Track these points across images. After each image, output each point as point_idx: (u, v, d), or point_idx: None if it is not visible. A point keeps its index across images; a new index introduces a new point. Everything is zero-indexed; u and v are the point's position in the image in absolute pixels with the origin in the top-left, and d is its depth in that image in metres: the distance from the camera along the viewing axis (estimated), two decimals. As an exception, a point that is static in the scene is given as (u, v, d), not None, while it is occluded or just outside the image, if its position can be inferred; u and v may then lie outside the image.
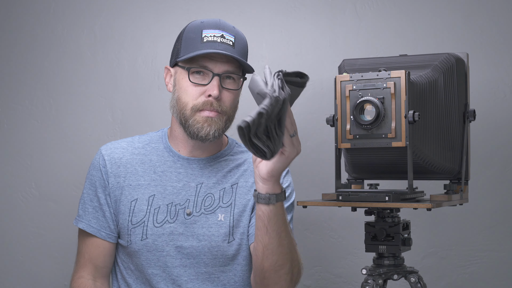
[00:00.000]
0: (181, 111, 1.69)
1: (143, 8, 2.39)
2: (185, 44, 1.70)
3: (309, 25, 2.28)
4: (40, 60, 2.45)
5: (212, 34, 1.68)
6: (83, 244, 1.78)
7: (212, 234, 1.71)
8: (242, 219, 1.74)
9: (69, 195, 2.39)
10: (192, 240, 1.71)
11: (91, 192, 1.78)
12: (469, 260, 2.15)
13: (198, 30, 1.69)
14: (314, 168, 2.24)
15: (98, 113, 2.40)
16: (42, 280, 2.41)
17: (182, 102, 1.68)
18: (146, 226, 1.70)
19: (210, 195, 1.74)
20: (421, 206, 1.48)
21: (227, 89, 1.68)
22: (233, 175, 1.77)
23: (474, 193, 2.02)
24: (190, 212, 1.72)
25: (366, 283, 1.60)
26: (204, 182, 1.75)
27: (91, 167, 1.80)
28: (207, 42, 1.67)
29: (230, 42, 1.68)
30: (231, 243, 1.72)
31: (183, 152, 1.76)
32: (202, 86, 1.67)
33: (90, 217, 1.76)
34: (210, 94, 1.65)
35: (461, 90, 1.67)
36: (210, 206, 1.73)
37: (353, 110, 1.52)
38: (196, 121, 1.67)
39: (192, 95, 1.67)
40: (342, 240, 2.24)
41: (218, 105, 1.66)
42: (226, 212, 1.73)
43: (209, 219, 1.72)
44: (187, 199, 1.73)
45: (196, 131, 1.67)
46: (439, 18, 2.18)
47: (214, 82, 1.66)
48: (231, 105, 1.70)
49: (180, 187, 1.73)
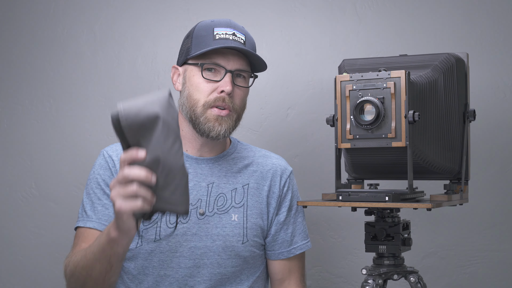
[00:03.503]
0: (191, 108, 1.68)
1: (143, 8, 2.39)
2: (196, 41, 1.70)
3: (309, 25, 2.28)
4: (40, 60, 2.45)
5: (224, 32, 1.68)
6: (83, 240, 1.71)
7: (227, 234, 1.71)
8: (256, 222, 1.75)
9: (69, 195, 2.39)
10: (206, 240, 1.70)
11: (98, 191, 1.73)
12: (469, 260, 2.15)
13: (209, 28, 1.70)
14: (314, 168, 2.24)
15: (98, 113, 2.40)
16: (42, 280, 2.41)
17: (193, 99, 1.68)
18: (160, 227, 1.68)
19: (222, 195, 1.74)
20: (421, 206, 1.48)
21: (238, 87, 1.69)
22: (243, 175, 1.78)
23: (474, 193, 2.02)
24: (203, 212, 1.71)
25: (366, 283, 1.60)
26: (215, 181, 1.74)
27: (97, 167, 1.76)
28: (220, 39, 1.67)
29: (241, 41, 1.69)
30: (245, 244, 1.72)
31: (191, 152, 1.76)
32: (214, 82, 1.67)
33: (101, 215, 1.70)
34: (223, 90, 1.65)
35: (461, 90, 1.67)
36: (223, 206, 1.73)
37: (353, 110, 1.52)
38: (207, 119, 1.66)
39: (204, 92, 1.67)
40: (342, 240, 2.24)
41: (230, 101, 1.67)
42: (239, 213, 1.73)
43: (223, 219, 1.72)
44: (198, 198, 1.72)
45: (207, 130, 1.67)
46: (439, 18, 2.18)
47: (227, 78, 1.66)
48: (241, 103, 1.71)
49: (191, 187, 1.72)
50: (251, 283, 1.76)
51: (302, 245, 1.83)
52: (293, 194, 1.83)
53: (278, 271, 1.81)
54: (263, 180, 1.79)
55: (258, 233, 1.76)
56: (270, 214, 1.78)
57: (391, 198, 1.50)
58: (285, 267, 1.81)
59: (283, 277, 1.82)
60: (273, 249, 1.80)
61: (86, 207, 1.73)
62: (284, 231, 1.80)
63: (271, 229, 1.79)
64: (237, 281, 1.73)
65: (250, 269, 1.76)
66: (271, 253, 1.80)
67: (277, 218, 1.79)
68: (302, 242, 1.83)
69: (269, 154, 1.86)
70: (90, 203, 1.73)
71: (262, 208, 1.77)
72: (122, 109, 1.28)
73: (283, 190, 1.81)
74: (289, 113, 2.27)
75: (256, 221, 1.75)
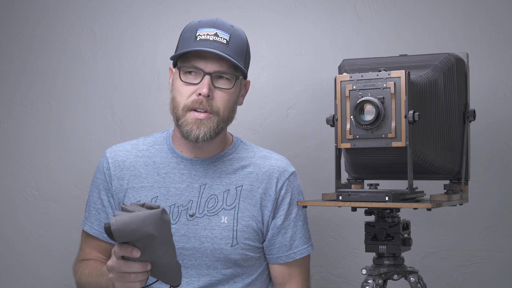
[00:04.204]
0: (174, 110, 1.70)
1: (143, 8, 2.39)
2: (181, 43, 1.70)
3: (309, 25, 2.28)
4: (40, 60, 2.45)
5: (205, 32, 1.67)
6: (86, 244, 1.81)
7: (215, 236, 1.70)
8: (248, 224, 1.73)
9: (69, 195, 2.39)
10: (194, 241, 1.70)
11: (94, 194, 1.79)
12: (469, 260, 2.15)
13: (193, 29, 1.69)
14: (314, 168, 2.24)
15: (98, 113, 2.40)
16: (42, 280, 2.41)
17: (176, 101, 1.69)
18: None
19: (214, 196, 1.73)
20: (421, 206, 1.48)
21: (220, 89, 1.67)
22: (237, 177, 1.76)
23: (474, 193, 2.02)
24: (193, 213, 1.71)
25: (366, 283, 1.60)
26: (208, 183, 1.74)
27: (96, 170, 1.82)
28: (200, 40, 1.66)
29: (223, 41, 1.66)
30: (234, 246, 1.71)
31: (186, 153, 1.76)
32: (193, 85, 1.67)
33: (93, 219, 1.78)
34: (200, 92, 1.64)
35: (461, 90, 1.67)
36: (213, 208, 1.72)
37: (353, 110, 1.52)
38: (186, 122, 1.66)
39: (184, 95, 1.67)
40: (342, 240, 2.24)
41: (208, 104, 1.65)
42: (230, 215, 1.72)
43: (212, 221, 1.71)
44: (190, 200, 1.72)
45: (185, 133, 1.67)
46: (439, 18, 2.18)
47: (205, 81, 1.65)
48: (225, 104, 1.68)
49: (183, 188, 1.72)
50: (245, 286, 1.75)
51: (303, 250, 1.80)
52: (293, 197, 1.79)
53: (278, 275, 1.80)
54: (257, 182, 1.76)
55: (251, 236, 1.73)
56: (266, 217, 1.76)
57: (391, 198, 1.50)
58: (285, 271, 1.79)
59: (283, 281, 1.80)
60: (271, 253, 1.78)
61: (86, 207, 1.82)
62: (282, 236, 1.77)
63: (268, 233, 1.76)
64: (230, 283, 1.73)
65: (244, 271, 1.75)
66: (269, 257, 1.79)
67: (274, 222, 1.76)
68: (303, 247, 1.80)
69: (269, 155, 1.82)
70: (88, 205, 1.81)
71: (255, 210, 1.74)
72: (115, 227, 1.30)
73: (280, 193, 1.77)
74: (289, 113, 2.27)
75: (248, 223, 1.73)
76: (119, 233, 1.30)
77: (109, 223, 1.29)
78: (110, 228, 1.29)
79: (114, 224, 1.29)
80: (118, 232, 1.30)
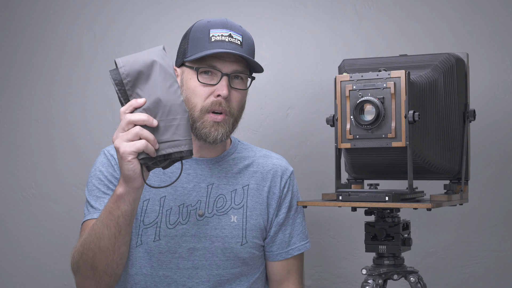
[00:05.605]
0: (189, 111, 1.66)
1: (143, 8, 2.39)
2: (192, 43, 1.67)
3: (309, 25, 2.28)
4: (40, 60, 2.45)
5: (219, 33, 1.66)
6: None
7: (225, 235, 1.71)
8: (256, 223, 1.74)
9: (69, 195, 2.39)
10: (205, 241, 1.70)
11: (102, 187, 1.71)
12: (469, 260, 2.15)
13: (205, 29, 1.67)
14: (314, 168, 2.24)
15: (98, 113, 2.40)
16: (42, 280, 2.41)
17: (191, 102, 1.66)
18: (159, 227, 1.68)
19: (222, 196, 1.73)
20: (421, 206, 1.48)
21: (236, 89, 1.67)
22: (243, 176, 1.77)
23: (474, 193, 2.02)
24: (202, 213, 1.71)
25: (366, 283, 1.60)
26: (215, 182, 1.74)
27: (98, 165, 1.74)
28: (215, 41, 1.65)
29: (238, 42, 1.67)
30: (244, 245, 1.72)
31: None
32: (211, 86, 1.65)
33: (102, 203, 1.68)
34: (220, 94, 1.63)
35: (461, 90, 1.67)
36: (222, 207, 1.72)
37: (353, 110, 1.52)
38: (204, 125, 1.65)
39: (201, 96, 1.65)
40: (342, 240, 2.24)
41: (226, 105, 1.65)
42: (239, 214, 1.73)
43: (222, 220, 1.71)
44: (198, 200, 1.72)
45: (203, 135, 1.66)
46: (439, 18, 2.18)
47: (223, 82, 1.64)
48: (239, 105, 1.69)
49: (191, 188, 1.72)
50: (250, 284, 1.75)
51: (301, 246, 1.82)
52: (293, 195, 1.82)
53: (277, 272, 1.81)
54: (263, 181, 1.78)
55: (258, 234, 1.75)
56: (270, 215, 1.78)
57: (391, 198, 1.50)
58: (283, 268, 1.81)
59: (281, 278, 1.81)
60: (271, 250, 1.79)
61: (91, 202, 1.71)
62: (282, 232, 1.79)
63: (271, 231, 1.78)
64: (237, 282, 1.73)
65: (250, 270, 1.76)
66: (269, 254, 1.80)
67: (277, 220, 1.79)
68: (301, 243, 1.82)
69: (269, 154, 1.84)
70: (95, 198, 1.71)
71: (262, 209, 1.76)
72: (120, 60, 1.40)
73: (283, 191, 1.80)
74: (289, 113, 2.27)
75: (256, 222, 1.75)
76: (123, 62, 1.39)
77: (114, 63, 1.41)
78: (116, 65, 1.39)
79: (118, 59, 1.40)
80: (122, 62, 1.39)
